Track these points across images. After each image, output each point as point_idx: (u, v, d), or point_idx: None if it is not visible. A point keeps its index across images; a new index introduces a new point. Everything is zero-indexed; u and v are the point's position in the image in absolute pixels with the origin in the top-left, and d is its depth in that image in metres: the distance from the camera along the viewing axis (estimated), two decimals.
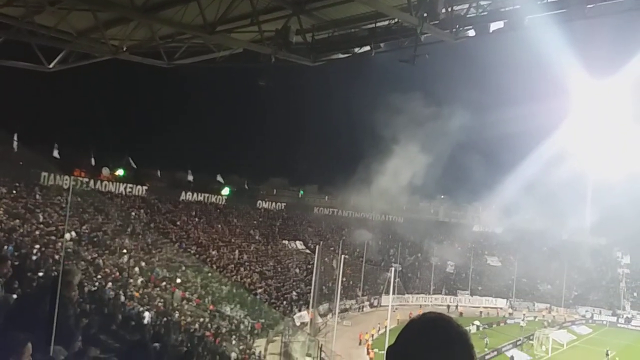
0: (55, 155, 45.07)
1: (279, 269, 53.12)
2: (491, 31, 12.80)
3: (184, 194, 55.52)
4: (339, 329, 41.24)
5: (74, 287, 7.52)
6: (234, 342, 34.54)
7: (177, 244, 45.69)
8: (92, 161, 49.61)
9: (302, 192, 77.46)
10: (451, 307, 58.97)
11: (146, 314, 28.41)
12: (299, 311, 46.03)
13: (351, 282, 56.31)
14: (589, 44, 47.34)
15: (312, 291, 45.20)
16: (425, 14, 12.01)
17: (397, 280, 49.36)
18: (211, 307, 38.37)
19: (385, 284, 51.20)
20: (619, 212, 59.56)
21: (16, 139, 41.29)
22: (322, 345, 37.44)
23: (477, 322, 51.28)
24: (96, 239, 37.65)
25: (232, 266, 47.71)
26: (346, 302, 51.98)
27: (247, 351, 34.14)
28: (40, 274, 19.48)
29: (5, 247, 25.76)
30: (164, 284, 37.31)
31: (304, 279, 51.51)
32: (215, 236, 51.87)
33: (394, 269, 46.24)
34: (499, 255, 74.55)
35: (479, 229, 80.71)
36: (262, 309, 42.83)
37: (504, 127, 59.38)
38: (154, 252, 41.71)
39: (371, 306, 55.98)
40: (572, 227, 69.09)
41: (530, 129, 61.99)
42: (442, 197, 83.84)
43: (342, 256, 44.52)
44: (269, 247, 56.34)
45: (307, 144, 75.75)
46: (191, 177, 58.80)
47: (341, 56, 14.69)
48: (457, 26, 12.84)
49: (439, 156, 57.73)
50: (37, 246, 29.28)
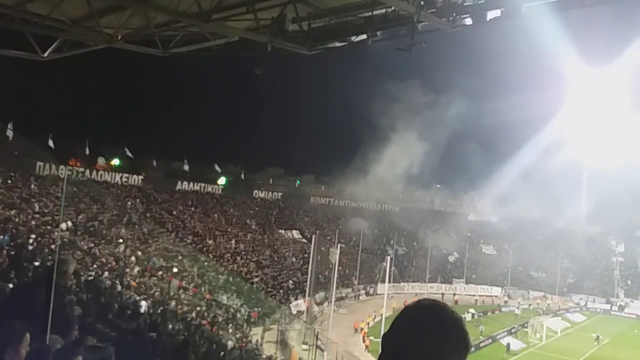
0: (50, 144, 44.89)
1: (276, 258, 53.28)
2: (488, 19, 12.75)
3: (180, 183, 55.48)
4: (335, 317, 41.46)
5: (69, 276, 7.52)
6: (230, 330, 34.70)
7: (173, 234, 45.73)
8: (88, 151, 49.46)
9: (298, 181, 77.53)
10: (446, 295, 59.29)
11: (143, 303, 28.42)
12: (296, 300, 46.27)
13: (347, 271, 56.56)
14: (586, 32, 47.43)
15: (308, 280, 45.38)
16: (422, 2, 11.94)
17: (392, 268, 49.55)
18: (208, 296, 38.50)
19: (381, 272, 51.41)
20: (614, 200, 59.87)
21: (11, 129, 41.06)
22: (318, 333, 37.66)
23: (472, 310, 51.65)
24: (92, 229, 37.61)
25: (229, 255, 47.81)
26: (342, 290, 52.23)
27: (244, 339, 34.29)
28: (36, 263, 19.49)
29: (0, 237, 25.74)
30: (160, 273, 37.37)
31: (300, 268, 51.71)
32: (211, 225, 51.91)
33: (389, 258, 46.35)
34: (495, 243, 74.96)
35: (475, 217, 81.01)
36: (259, 298, 43.02)
37: (500, 116, 59.53)
38: (150, 241, 41.74)
39: (367, 294, 56.28)
40: (568, 216, 69.43)
41: (527, 117, 62.15)
42: (438, 186, 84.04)
43: (339, 245, 44.62)
44: (265, 237, 56.45)
45: (303, 134, 75.83)
46: (187, 167, 58.71)
47: (338, 45, 14.59)
48: (454, 14, 12.77)
49: (435, 145, 57.76)
50: (33, 236, 29.24)
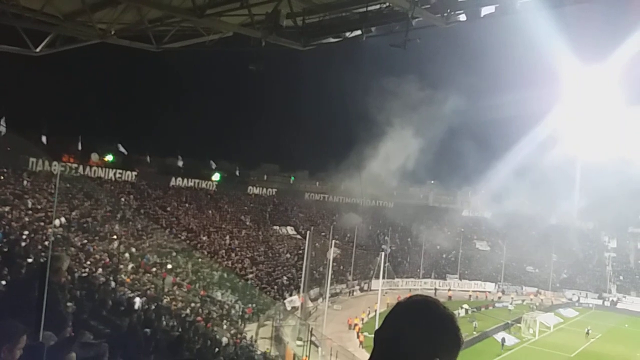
0: (43, 140, 44.63)
1: (270, 254, 53.27)
2: (482, 15, 12.75)
3: (174, 179, 55.27)
4: (329, 313, 41.56)
5: (63, 273, 7.48)
6: (225, 327, 34.71)
7: (167, 230, 45.63)
8: (81, 147, 49.21)
9: (293, 177, 77.48)
10: (439, 290, 59.55)
11: (137, 300, 28.36)
12: (290, 296, 46.31)
13: (341, 267, 56.66)
14: (580, 29, 47.60)
15: (302, 276, 45.44)
16: None
17: (387, 264, 49.67)
18: (202, 292, 38.47)
19: (375, 268, 51.54)
20: (607, 196, 60.28)
21: (4, 124, 40.79)
22: (312, 329, 37.74)
23: (465, 306, 51.89)
24: (86, 225, 37.44)
25: (223, 252, 47.77)
26: (337, 286, 52.33)
27: (238, 336, 34.30)
28: (29, 260, 19.37)
29: None
30: (154, 269, 37.30)
31: (294, 264, 51.74)
32: (205, 222, 51.81)
33: (383, 254, 46.47)
34: (488, 239, 75.26)
35: (468, 213, 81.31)
36: (253, 294, 43.03)
37: (495, 112, 59.82)
38: (144, 237, 41.62)
39: (361, 290, 56.40)
40: (561, 212, 69.85)
41: (521, 114, 62.47)
42: (432, 182, 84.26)
43: (333, 241, 44.68)
44: (259, 233, 56.41)
45: (298, 130, 75.77)
46: (181, 163, 58.53)
47: (332, 40, 14.57)
48: (448, 10, 12.76)
49: (430, 141, 57.97)
50: (26, 232, 29.10)
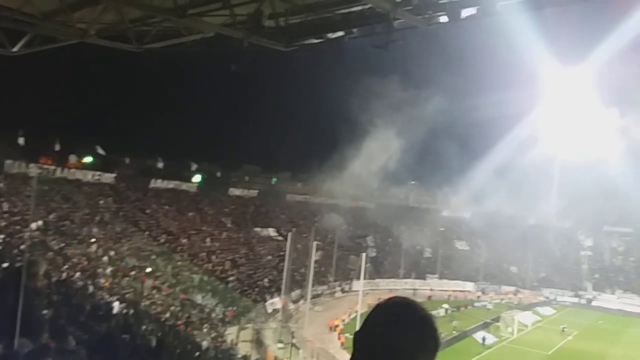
0: (20, 142, 43.75)
1: (251, 257, 53.01)
2: (464, 17, 12.86)
3: (153, 181, 54.66)
4: (310, 314, 41.52)
5: (40, 277, 7.31)
6: (205, 330, 34.43)
7: (147, 233, 45.10)
8: (59, 148, 48.32)
9: (275, 179, 77.16)
10: (419, 290, 60.08)
11: (115, 304, 28.02)
12: (271, 298, 46.13)
13: (323, 268, 56.64)
14: (559, 31, 48.29)
15: (284, 278, 45.30)
16: (398, 0, 11.99)
17: (368, 265, 49.82)
18: (182, 295, 38.08)
19: (356, 269, 51.65)
20: (583, 196, 61.39)
21: None
22: (293, 331, 37.65)
23: (445, 306, 52.32)
24: (63, 228, 36.85)
25: (204, 254, 47.40)
26: (318, 287, 52.28)
27: (219, 339, 34.08)
28: (4, 264, 18.95)
29: None
30: (133, 273, 36.85)
31: (276, 266, 51.54)
32: (186, 224, 51.34)
33: (365, 254, 46.60)
34: (468, 239, 76.03)
35: (448, 214, 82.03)
36: (234, 297, 42.77)
37: (475, 113, 60.26)
38: (123, 241, 41.08)
39: (342, 291, 56.48)
40: (539, 212, 70.91)
41: (501, 115, 63.01)
42: (413, 182, 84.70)
43: (315, 242, 44.63)
44: (240, 235, 56.10)
45: (280, 131, 75.20)
46: (161, 164, 57.87)
47: (314, 41, 14.56)
48: (429, 12, 12.85)
49: (411, 142, 58.15)
50: (2, 236, 28.51)
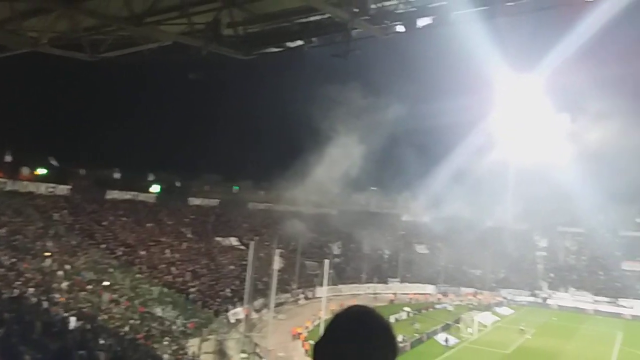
0: None
1: (213, 267, 52.31)
2: (420, 27, 13.19)
3: (110, 192, 53.29)
4: (274, 323, 41.25)
5: None
6: (166, 343, 33.72)
7: (103, 245, 43.93)
8: (10, 160, 46.54)
9: (236, 187, 76.42)
10: (382, 294, 60.85)
11: (72, 320, 27.18)
12: (234, 308, 45.59)
13: (286, 276, 56.42)
14: (512, 40, 49.90)
15: (246, 287, 44.86)
16: (356, 10, 12.19)
17: (331, 271, 49.96)
18: (141, 308, 37.21)
19: (319, 276, 51.71)
20: (537, 198, 63.59)
21: None
22: (257, 341, 37.33)
23: (407, 309, 53.04)
24: (15, 243, 35.48)
25: (163, 266, 46.50)
26: (281, 296, 52.03)
27: (180, 352, 33.46)
28: None
29: None
30: (90, 287, 35.79)
31: (238, 276, 50.98)
32: (144, 235, 50.24)
33: (327, 261, 46.73)
34: (427, 243, 77.30)
35: (408, 218, 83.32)
36: (195, 308, 42.10)
37: (433, 120, 61.63)
38: (79, 254, 39.88)
39: (306, 298, 56.42)
40: (496, 215, 72.86)
41: (458, 121, 64.58)
42: (374, 188, 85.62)
43: (277, 250, 44.44)
44: (201, 245, 55.30)
45: (241, 139, 74.72)
46: (118, 175, 56.49)
47: (274, 50, 14.63)
48: (386, 21, 13.12)
49: (371, 148, 58.86)
50: None
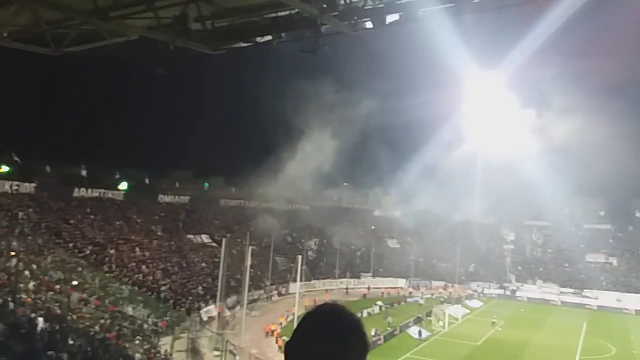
0: None
1: (184, 264, 51.82)
2: (388, 23, 13.31)
3: (77, 190, 52.16)
4: (247, 320, 41.16)
5: None
6: (137, 342, 33.32)
7: (71, 244, 43.05)
8: None
9: (207, 184, 75.71)
10: (355, 289, 61.48)
11: (39, 320, 26.59)
12: (206, 306, 45.28)
13: (259, 273, 56.33)
14: (479, 37, 50.78)
15: (219, 284, 44.59)
16: (325, 5, 12.23)
17: (304, 267, 50.07)
18: (111, 307, 36.65)
19: (292, 271, 51.80)
20: (505, 193, 64.97)
21: None
22: (229, 338, 37.18)
23: (379, 303, 53.64)
24: None
25: (133, 264, 45.85)
26: (254, 292, 51.93)
27: (152, 350, 33.09)
28: None
29: None
30: (58, 286, 35.05)
31: (210, 273, 50.65)
32: (113, 234, 49.40)
33: (301, 257, 46.82)
34: (398, 237, 78.25)
35: (380, 213, 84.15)
36: (167, 307, 41.68)
37: (403, 115, 62.36)
38: (45, 253, 38.97)
39: (279, 295, 56.44)
40: (465, 209, 74.16)
41: (427, 116, 65.53)
42: (345, 184, 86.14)
43: (250, 247, 44.30)
44: (172, 243, 54.69)
45: (212, 134, 73.93)
46: (85, 172, 55.32)
47: (243, 45, 14.54)
48: (355, 18, 13.19)
49: (342, 144, 59.27)
50: None
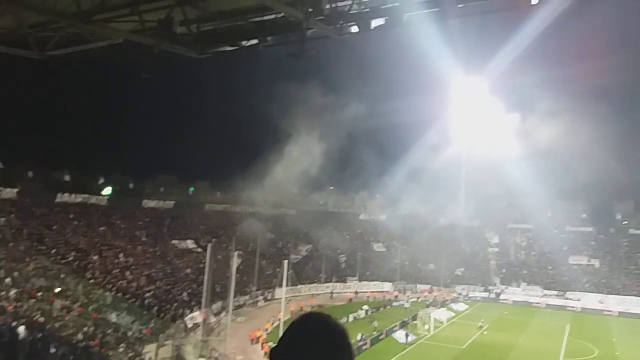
0: None
1: (169, 271, 51.32)
2: (373, 28, 13.40)
3: (60, 195, 51.50)
4: (233, 326, 40.87)
5: None
6: (121, 350, 32.89)
7: (54, 251, 42.40)
8: None
9: (192, 189, 75.28)
10: (342, 294, 61.56)
11: (21, 329, 26.15)
12: (191, 312, 44.86)
13: (245, 278, 55.99)
14: (467, 42, 51.50)
15: (204, 291, 44.22)
16: (310, 10, 12.26)
17: (290, 272, 49.91)
18: (95, 315, 36.13)
19: (279, 277, 51.57)
20: (489, 196, 65.58)
21: None
22: (215, 345, 36.90)
23: (366, 307, 53.60)
24: None
25: (117, 271, 45.27)
26: (240, 298, 51.60)
27: (137, 358, 32.73)
28: None
29: None
30: (40, 294, 34.46)
31: (196, 280, 50.17)
32: (97, 240, 48.79)
33: (287, 262, 46.64)
34: (384, 241, 78.40)
35: (366, 217, 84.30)
36: (152, 314, 41.21)
37: (389, 119, 62.81)
38: (28, 260, 38.29)
39: (265, 300, 56.14)
40: (450, 213, 74.68)
41: (413, 121, 66.04)
42: (332, 188, 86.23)
43: (236, 252, 44.05)
44: (157, 249, 54.15)
45: (197, 139, 73.70)
46: (68, 177, 54.70)
47: (228, 49, 14.51)
48: (341, 22, 13.26)
49: (329, 148, 59.34)
50: None
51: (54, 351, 25.50)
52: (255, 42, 13.81)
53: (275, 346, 1.82)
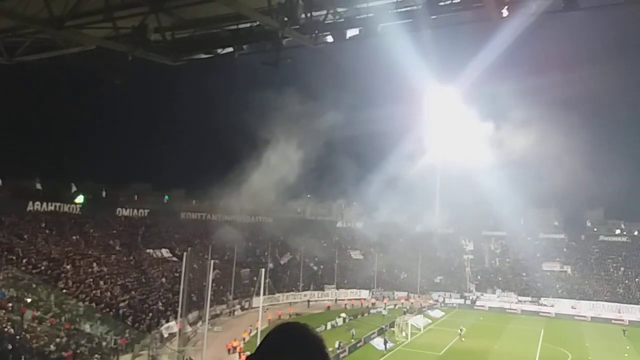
0: None
1: (143, 280, 50.59)
2: (348, 37, 13.54)
3: (31, 203, 50.43)
4: (210, 335, 40.39)
5: None
6: None
7: (24, 260, 41.43)
8: None
9: (167, 196, 74.40)
10: (319, 301, 61.32)
11: None
12: (167, 322, 44.23)
13: (221, 287, 55.51)
14: (440, 52, 52.34)
15: (180, 300, 43.66)
16: (285, 19, 12.32)
17: (267, 280, 49.61)
18: (67, 325, 35.38)
19: (255, 285, 51.23)
20: (464, 204, 66.44)
21: None
22: (190, 356, 36.42)
23: (343, 315, 53.59)
24: None
25: (90, 280, 44.46)
26: (217, 307, 51.11)
27: None
28: None
29: None
30: (10, 305, 33.64)
31: (171, 289, 49.58)
32: (69, 249, 47.88)
33: (264, 270, 46.39)
34: (361, 249, 78.64)
35: (343, 225, 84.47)
36: (126, 323, 40.53)
37: (365, 127, 63.32)
38: None
39: (242, 309, 55.67)
40: (426, 220, 75.39)
41: (388, 129, 66.66)
42: (309, 196, 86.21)
43: (212, 261, 43.63)
44: (131, 258, 53.36)
45: (172, 146, 73.10)
46: (39, 185, 53.57)
47: (203, 56, 14.47)
48: (316, 31, 13.36)
49: (305, 156, 59.43)
50: None
51: None
52: (230, 50, 13.82)
53: (251, 354, 1.82)
